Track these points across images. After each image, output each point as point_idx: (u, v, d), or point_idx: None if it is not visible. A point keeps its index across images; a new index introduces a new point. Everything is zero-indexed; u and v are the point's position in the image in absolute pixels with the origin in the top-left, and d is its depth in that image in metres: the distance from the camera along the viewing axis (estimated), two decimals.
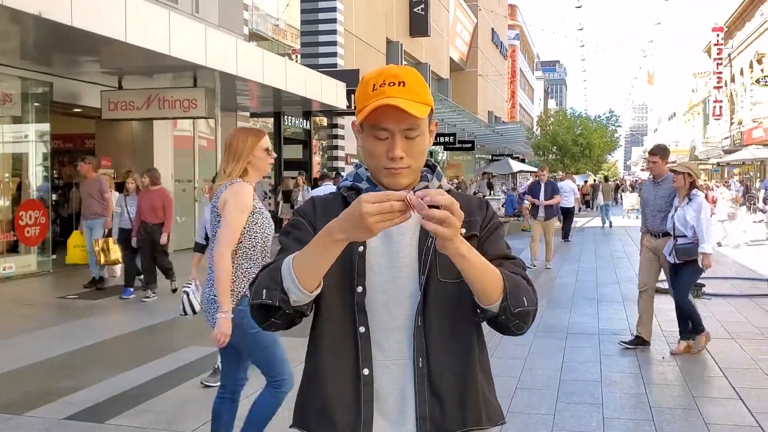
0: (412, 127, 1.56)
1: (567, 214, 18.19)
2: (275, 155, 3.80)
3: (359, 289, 1.59)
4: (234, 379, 3.61)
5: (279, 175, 19.34)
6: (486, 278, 1.49)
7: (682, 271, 6.17)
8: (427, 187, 1.66)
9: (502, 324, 1.56)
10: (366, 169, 1.68)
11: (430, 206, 1.33)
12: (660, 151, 6.77)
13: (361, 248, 1.59)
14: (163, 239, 9.12)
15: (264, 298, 1.49)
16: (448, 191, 1.68)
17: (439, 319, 1.60)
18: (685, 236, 6.01)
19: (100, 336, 7.19)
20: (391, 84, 1.53)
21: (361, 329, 1.59)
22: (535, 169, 41.11)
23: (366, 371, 1.58)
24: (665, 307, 8.61)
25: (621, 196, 34.50)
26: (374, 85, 1.54)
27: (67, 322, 7.86)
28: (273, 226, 3.50)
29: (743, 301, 8.92)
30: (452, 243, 1.39)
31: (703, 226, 5.94)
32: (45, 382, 5.55)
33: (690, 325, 6.27)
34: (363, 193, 1.62)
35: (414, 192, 1.63)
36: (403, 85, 1.53)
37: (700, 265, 6.02)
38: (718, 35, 40.43)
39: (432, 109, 1.64)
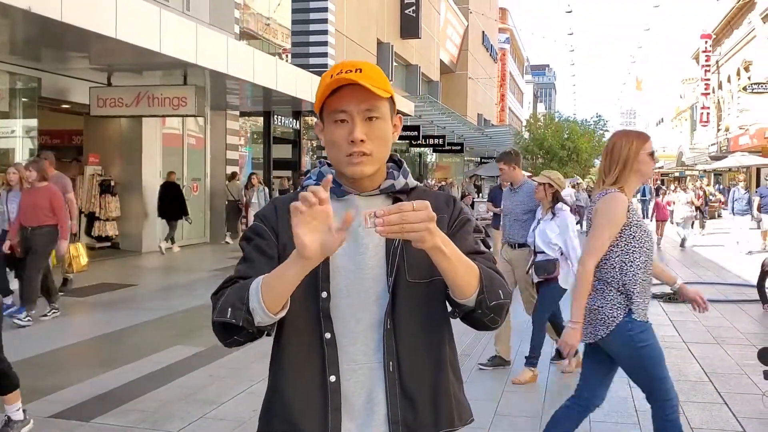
0: (371, 108, 1.54)
1: None
2: (657, 160, 3.52)
3: (324, 294, 1.55)
4: (593, 392, 3.44)
5: (269, 174, 19.30)
6: (463, 271, 1.46)
7: (543, 291, 5.59)
8: (392, 185, 1.63)
9: (477, 319, 1.54)
10: (330, 167, 1.65)
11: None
12: (504, 158, 6.16)
13: None
14: (62, 248, 7.68)
15: (228, 317, 1.45)
16: (414, 188, 1.67)
17: (409, 320, 1.57)
18: (543, 252, 5.48)
19: (85, 334, 7.14)
20: (348, 71, 1.53)
21: (327, 335, 1.55)
22: (525, 174, 41.27)
23: (333, 378, 1.54)
24: (653, 311, 8.65)
25: None
26: (332, 75, 1.54)
27: (52, 319, 7.79)
28: (652, 239, 3.29)
29: (729, 307, 8.98)
30: (432, 237, 1.37)
31: (574, 246, 5.42)
32: (29, 380, 5.48)
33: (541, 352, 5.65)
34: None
35: (380, 189, 1.62)
36: (360, 71, 1.52)
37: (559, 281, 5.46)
38: (706, 42, 40.70)
39: (393, 100, 1.61)
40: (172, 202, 14.19)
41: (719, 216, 27.11)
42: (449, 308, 1.61)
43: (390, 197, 1.63)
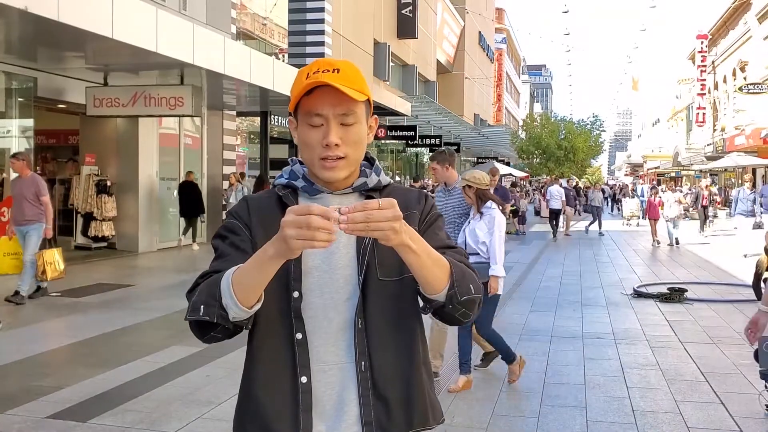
0: (347, 112, 1.51)
1: (555, 216, 21.21)
2: None
3: (295, 294, 1.53)
4: None
5: (266, 174, 19.30)
6: (432, 267, 1.44)
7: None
8: (365, 183, 1.61)
9: (448, 314, 1.52)
10: (302, 165, 1.62)
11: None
12: (436, 157, 5.92)
13: None
14: None
15: (202, 314, 1.44)
16: (387, 185, 1.66)
17: (381, 319, 1.55)
18: (477, 254, 5.24)
19: (83, 334, 7.13)
20: (326, 71, 1.50)
21: (298, 336, 1.53)
22: (522, 173, 41.42)
23: (304, 379, 1.52)
24: (650, 311, 8.69)
25: (621, 203, 33.17)
26: (308, 73, 1.51)
27: (49, 320, 7.78)
28: None
29: (725, 306, 9.00)
30: (398, 236, 1.34)
31: (494, 245, 5.22)
32: (26, 380, 5.49)
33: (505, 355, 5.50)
34: (299, 191, 1.60)
35: (352, 187, 1.59)
36: (338, 72, 1.49)
37: (488, 289, 5.18)
38: (702, 42, 40.76)
39: (370, 102, 1.59)
40: (190, 201, 14.57)
41: (715, 216, 27.04)
42: (420, 304, 1.59)
43: (363, 195, 1.61)
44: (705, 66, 40.85)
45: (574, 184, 28.71)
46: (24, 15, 7.64)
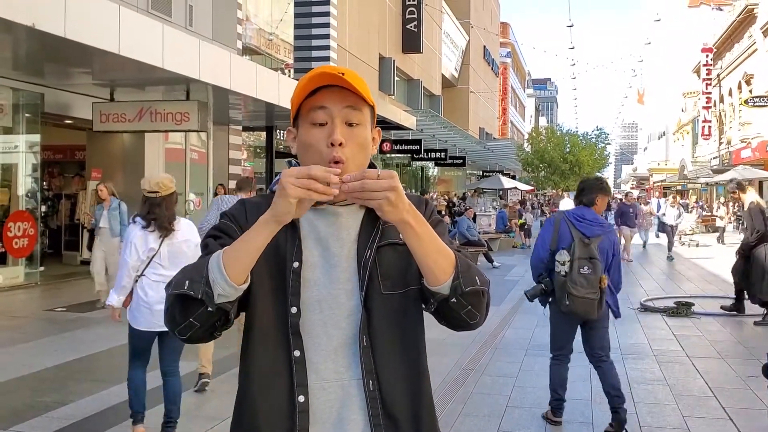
0: (353, 106, 1.47)
1: None
2: None
3: (293, 309, 1.47)
4: None
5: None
6: (436, 253, 1.41)
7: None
8: None
9: (453, 309, 1.46)
10: None
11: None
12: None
13: (296, 264, 1.47)
14: None
15: (186, 288, 1.38)
16: None
17: (386, 335, 1.50)
18: None
19: (88, 349, 7.12)
20: (330, 73, 1.48)
21: (296, 353, 1.47)
22: (527, 186, 41.44)
23: (301, 398, 1.47)
24: (657, 325, 8.64)
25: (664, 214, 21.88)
26: (311, 77, 1.48)
27: (54, 335, 7.79)
28: None
29: (732, 320, 8.94)
30: (396, 210, 1.33)
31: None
32: (31, 396, 5.49)
33: None
34: None
35: None
36: (342, 75, 1.46)
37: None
38: (707, 56, 40.79)
39: (374, 111, 1.55)
40: None
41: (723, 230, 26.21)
42: (423, 304, 1.55)
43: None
44: (710, 79, 40.86)
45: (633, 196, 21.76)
46: (31, 32, 7.70)
